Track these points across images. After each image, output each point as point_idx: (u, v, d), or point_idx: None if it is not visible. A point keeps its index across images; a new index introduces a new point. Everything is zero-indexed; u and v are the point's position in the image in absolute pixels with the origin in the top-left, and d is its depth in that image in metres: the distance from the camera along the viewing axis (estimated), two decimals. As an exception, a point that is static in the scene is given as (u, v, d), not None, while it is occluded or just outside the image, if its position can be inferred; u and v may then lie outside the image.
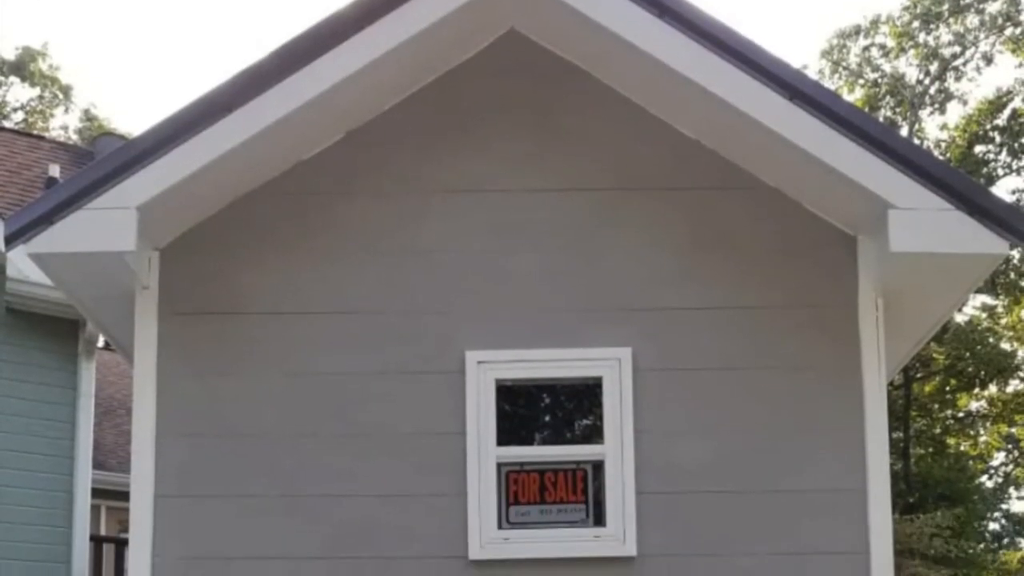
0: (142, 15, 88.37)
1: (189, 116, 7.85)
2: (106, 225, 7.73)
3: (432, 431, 8.16)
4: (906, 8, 47.05)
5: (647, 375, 8.22)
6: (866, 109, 38.48)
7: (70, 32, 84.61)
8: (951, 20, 46.52)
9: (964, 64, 47.14)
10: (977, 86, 53.66)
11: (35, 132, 41.48)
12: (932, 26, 46.90)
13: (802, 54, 68.49)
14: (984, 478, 51.44)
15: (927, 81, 47.84)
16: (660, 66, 7.91)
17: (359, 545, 8.02)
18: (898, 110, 47.98)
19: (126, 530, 8.92)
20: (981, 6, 45.58)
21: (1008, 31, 45.68)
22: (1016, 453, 51.21)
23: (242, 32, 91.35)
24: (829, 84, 45.74)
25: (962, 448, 50.37)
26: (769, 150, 8.08)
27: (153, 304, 8.31)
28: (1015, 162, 46.06)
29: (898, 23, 47.54)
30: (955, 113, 49.29)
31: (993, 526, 52.23)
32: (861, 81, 49.15)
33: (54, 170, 18.79)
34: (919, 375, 46.25)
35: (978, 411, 49.96)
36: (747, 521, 8.02)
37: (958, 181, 7.82)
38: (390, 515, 8.04)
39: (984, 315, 48.13)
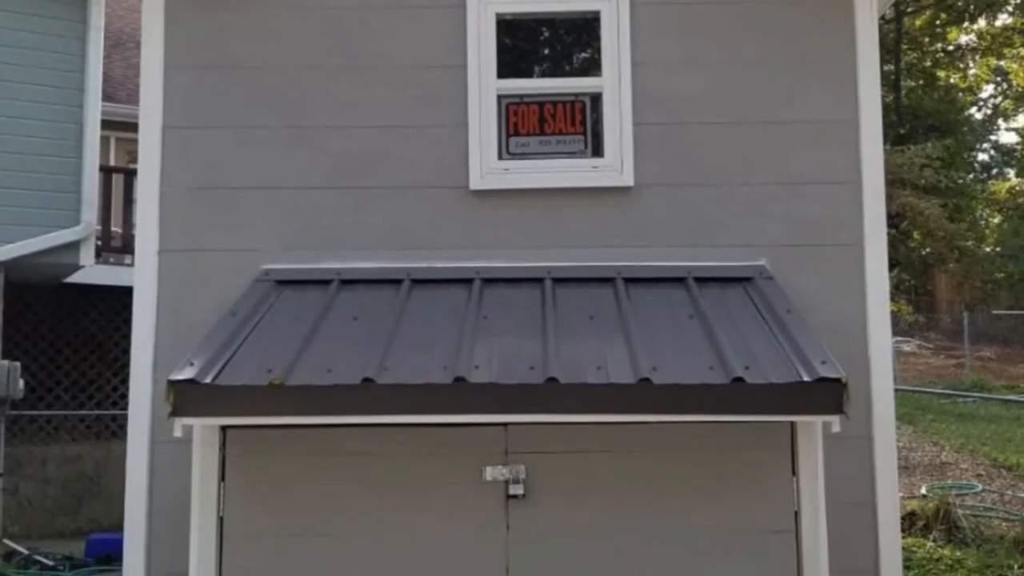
0: None
1: None
2: None
3: (433, 64, 8.24)
4: None
5: (644, 8, 8.26)
6: None
7: None
8: None
9: None
10: None
11: None
12: None
13: None
14: (973, 110, 51.64)
15: None
16: None
17: (362, 175, 8.20)
18: None
19: (135, 161, 9.08)
20: None
21: None
22: (1005, 86, 51.24)
23: None
24: None
25: (952, 81, 50.38)
26: None
27: (160, -62, 8.29)
28: None
29: None
30: None
31: (982, 157, 52.78)
32: None
33: None
34: (910, 9, 45.86)
35: (967, 44, 49.74)
36: (742, 151, 8.18)
37: None
38: (393, 146, 8.20)
39: (974, -52, 47.41)
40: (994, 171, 52.93)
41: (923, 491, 15.69)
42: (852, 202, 8.09)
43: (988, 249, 46.69)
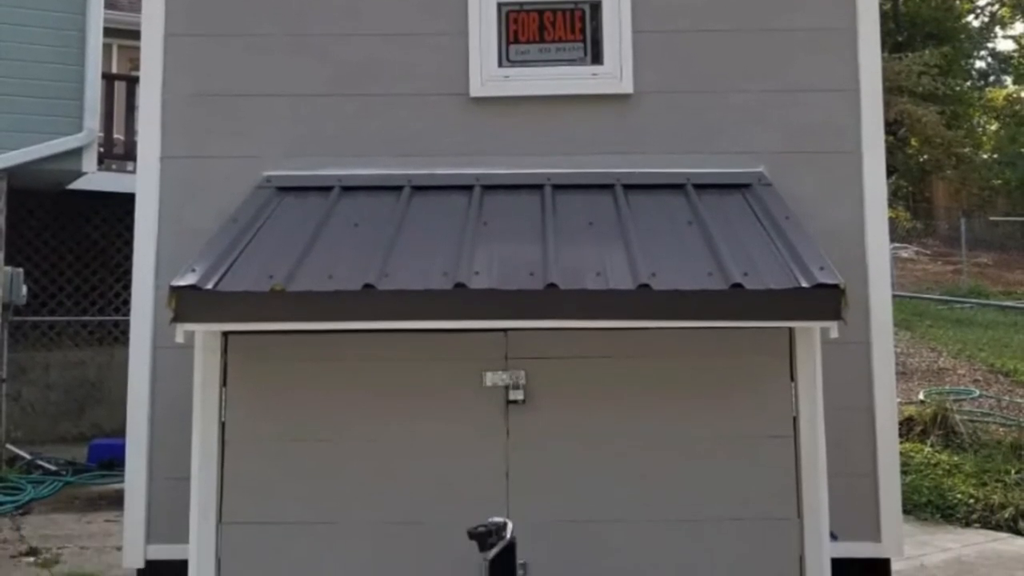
0: None
1: None
2: None
3: (433, -30, 8.23)
4: None
5: (646, -86, 8.23)
6: None
7: None
8: None
9: None
10: None
11: None
12: None
13: None
14: (971, 17, 51.31)
15: None
16: None
17: (364, 82, 8.20)
18: None
19: (137, 68, 9.06)
20: None
21: None
22: (1001, -8, 50.91)
23: None
24: None
25: (949, -13, 50.03)
26: None
27: None
28: None
29: None
30: None
31: (979, 64, 52.48)
32: None
33: None
34: (908, -85, 45.46)
35: (965, -50, 49.39)
36: (740, 59, 8.18)
37: None
38: (394, 53, 8.20)
39: None
40: (991, 78, 52.65)
41: (921, 396, 15.81)
42: (850, 109, 8.09)
43: (985, 156, 46.54)
